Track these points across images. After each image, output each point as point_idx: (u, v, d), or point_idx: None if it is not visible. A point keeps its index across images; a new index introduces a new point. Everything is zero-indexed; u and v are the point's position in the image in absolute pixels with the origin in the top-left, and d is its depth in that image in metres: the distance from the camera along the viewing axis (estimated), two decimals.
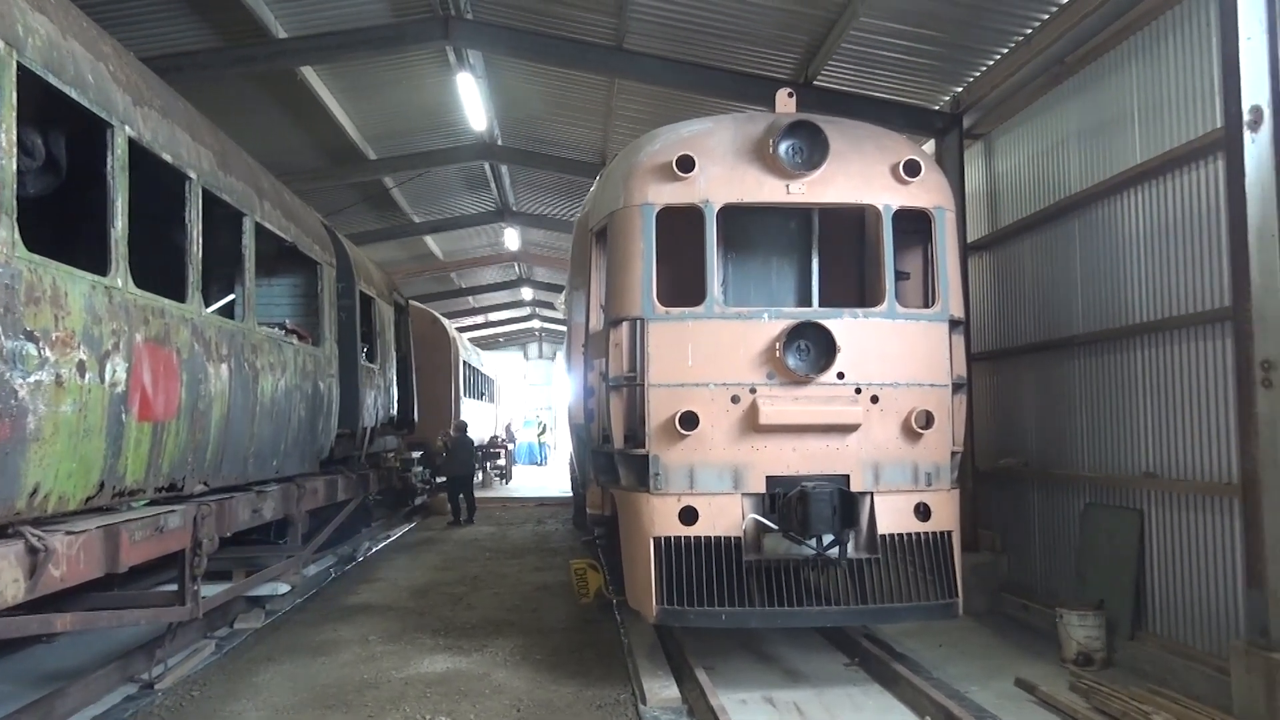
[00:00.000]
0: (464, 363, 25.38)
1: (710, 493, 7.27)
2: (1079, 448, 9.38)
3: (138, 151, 6.16)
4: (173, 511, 6.72)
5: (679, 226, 7.75)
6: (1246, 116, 6.56)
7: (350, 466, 12.36)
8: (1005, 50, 9.93)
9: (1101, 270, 8.99)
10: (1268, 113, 6.54)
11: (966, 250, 10.83)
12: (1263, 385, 6.51)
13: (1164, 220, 8.05)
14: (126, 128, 5.95)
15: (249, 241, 8.22)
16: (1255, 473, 6.55)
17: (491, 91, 15.69)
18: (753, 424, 7.29)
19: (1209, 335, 7.51)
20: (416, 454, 19.18)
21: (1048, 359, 9.99)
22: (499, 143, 18.33)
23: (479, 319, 42.25)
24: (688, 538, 7.19)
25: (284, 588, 10.29)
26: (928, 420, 7.49)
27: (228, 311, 8.42)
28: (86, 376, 5.38)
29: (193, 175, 6.99)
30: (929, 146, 11.47)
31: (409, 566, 13.66)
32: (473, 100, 15.00)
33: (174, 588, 7.22)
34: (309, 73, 13.86)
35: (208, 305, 7.49)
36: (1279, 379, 6.48)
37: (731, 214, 7.91)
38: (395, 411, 14.86)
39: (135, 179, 6.05)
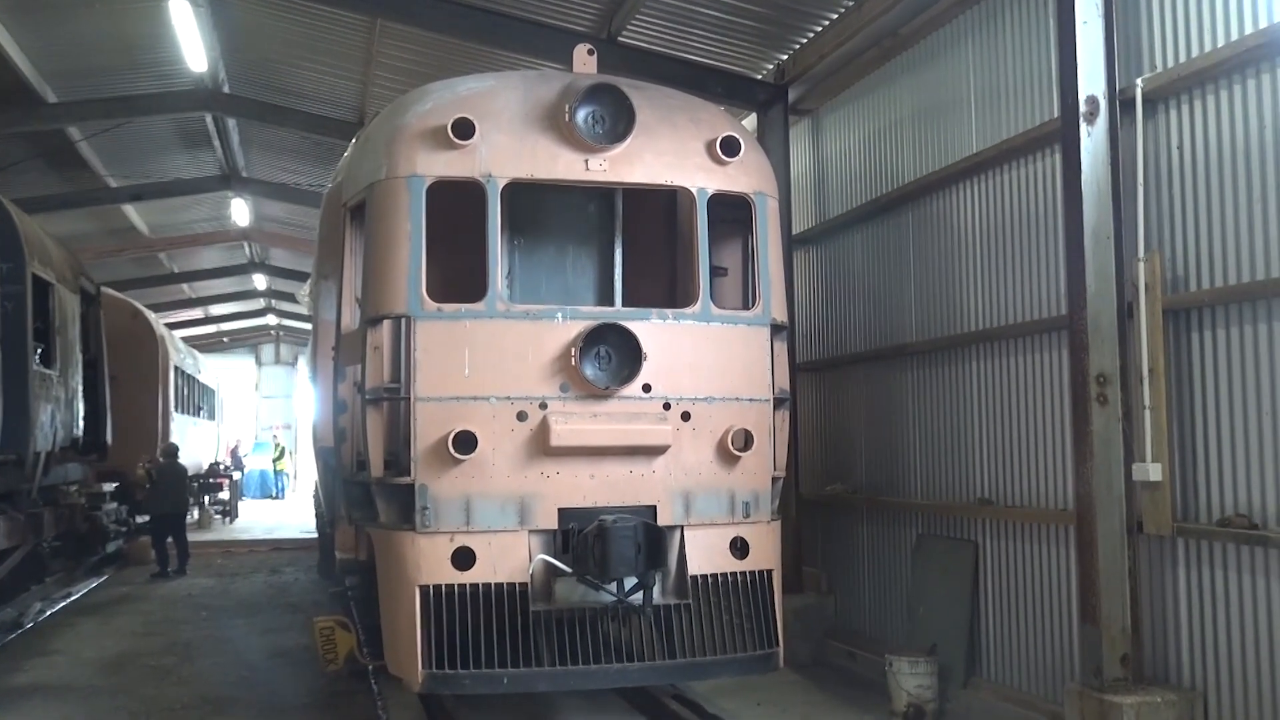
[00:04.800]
0: (175, 369, 24.64)
1: (490, 530, 7.30)
2: (912, 471, 10.10)
3: None
4: None
5: (455, 205, 7.75)
6: (1083, 108, 7.32)
7: (16, 504, 11.78)
8: (835, 16, 10.56)
9: (936, 270, 9.74)
10: (1103, 104, 7.32)
11: (791, 244, 11.41)
12: (1097, 401, 7.27)
13: (1001, 216, 8.83)
14: None
15: None
16: (1089, 497, 7.29)
17: (216, 24, 15.10)
18: (543, 446, 7.39)
19: (1046, 345, 8.29)
20: (110, 487, 18.43)
21: (879, 371, 10.70)
22: (225, 90, 17.76)
23: (197, 313, 40.85)
24: (462, 585, 7.19)
25: None
26: (746, 441, 7.83)
27: None
28: None
29: None
30: (749, 122, 12.01)
31: (97, 633, 13.03)
32: (190, 34, 14.40)
33: None
34: None
35: None
36: (1114, 395, 7.26)
37: (519, 192, 7.99)
38: (81, 432, 14.33)
39: None
